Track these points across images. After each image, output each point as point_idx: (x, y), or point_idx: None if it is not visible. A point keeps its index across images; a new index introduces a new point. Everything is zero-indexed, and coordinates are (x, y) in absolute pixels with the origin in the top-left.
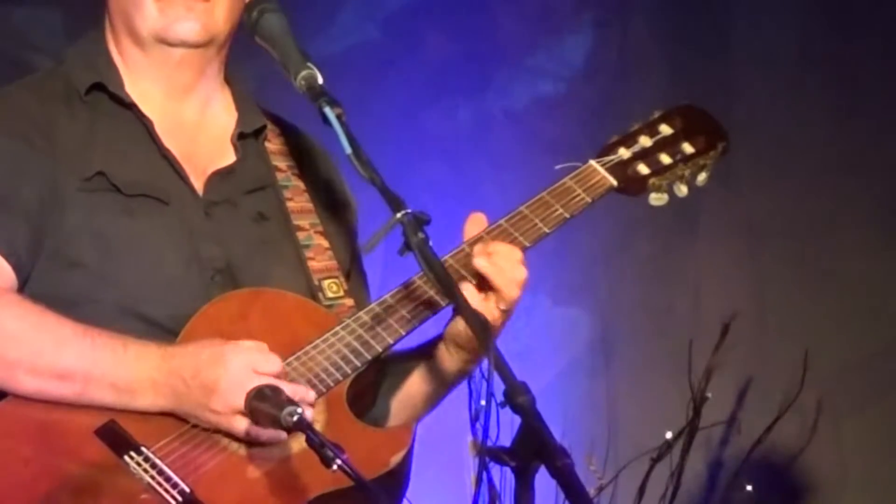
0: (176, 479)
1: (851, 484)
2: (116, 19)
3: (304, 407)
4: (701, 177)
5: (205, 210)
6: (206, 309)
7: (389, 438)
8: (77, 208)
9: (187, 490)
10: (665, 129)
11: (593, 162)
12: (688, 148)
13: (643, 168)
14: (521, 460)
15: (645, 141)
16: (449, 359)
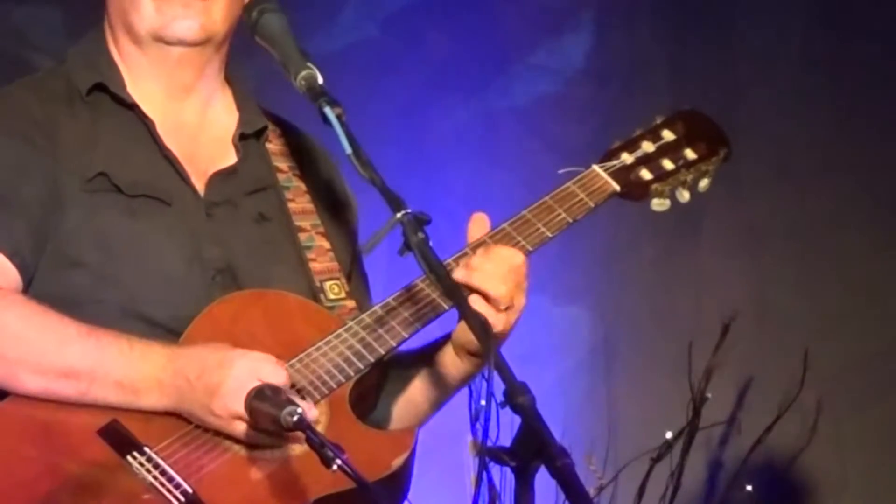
0: (178, 480)
1: (851, 484)
2: (115, 19)
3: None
4: (703, 183)
5: (206, 211)
6: (208, 310)
7: (392, 441)
8: (78, 209)
9: (190, 490)
10: (667, 135)
11: (596, 167)
12: (690, 154)
13: (646, 173)
14: (521, 460)
15: (647, 146)
16: (455, 363)
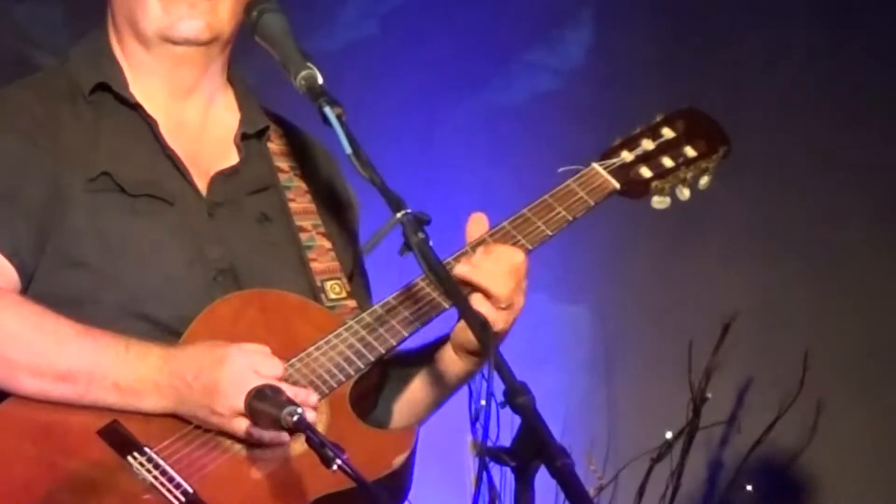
0: (179, 480)
1: (851, 484)
2: (119, 18)
3: (307, 410)
4: (703, 180)
5: (208, 210)
6: (210, 310)
7: (392, 440)
8: (81, 208)
9: (190, 490)
10: (667, 133)
11: (596, 165)
12: (690, 151)
13: (645, 171)
14: (521, 460)
15: (647, 144)
16: (455, 361)
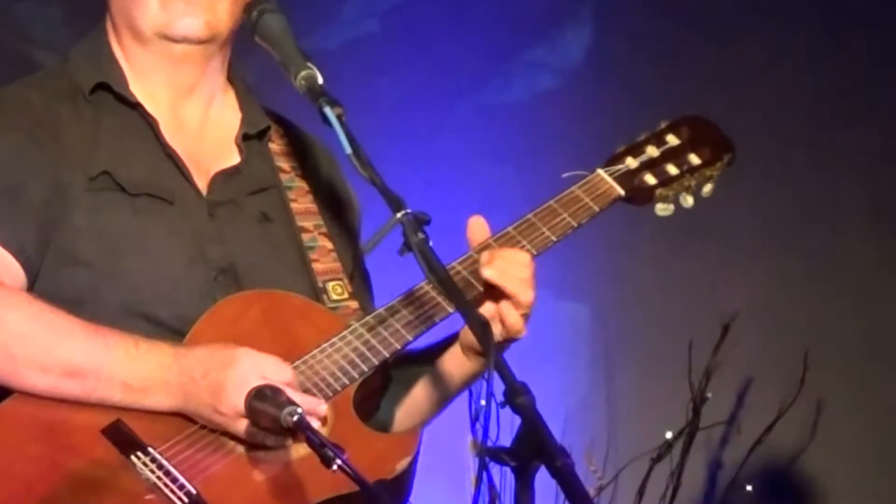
0: (182, 481)
1: (851, 484)
2: (118, 17)
3: (315, 418)
4: (706, 188)
5: (209, 210)
6: (214, 310)
7: (396, 444)
8: (81, 207)
9: (193, 491)
10: (672, 140)
11: (601, 171)
12: (694, 159)
13: (650, 178)
14: (521, 460)
15: (652, 151)
16: (462, 362)
